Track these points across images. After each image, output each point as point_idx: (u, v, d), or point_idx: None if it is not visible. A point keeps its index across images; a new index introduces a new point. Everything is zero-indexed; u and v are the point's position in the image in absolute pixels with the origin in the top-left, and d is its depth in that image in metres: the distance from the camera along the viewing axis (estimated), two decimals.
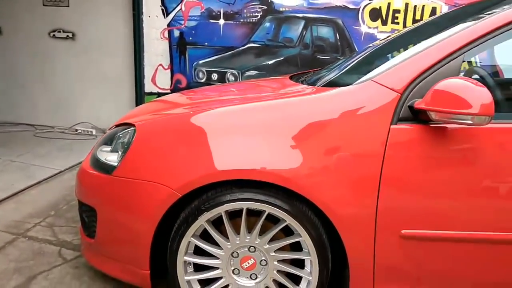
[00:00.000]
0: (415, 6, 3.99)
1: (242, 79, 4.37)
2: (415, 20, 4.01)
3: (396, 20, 4.05)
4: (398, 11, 4.04)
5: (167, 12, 4.42)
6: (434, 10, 3.97)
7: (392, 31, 3.96)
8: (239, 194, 1.49)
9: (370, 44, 2.43)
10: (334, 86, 1.61)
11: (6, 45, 4.72)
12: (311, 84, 1.86)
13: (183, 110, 1.84)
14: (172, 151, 1.56)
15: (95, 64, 4.63)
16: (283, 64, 4.28)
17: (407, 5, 4.00)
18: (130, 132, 1.69)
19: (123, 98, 4.62)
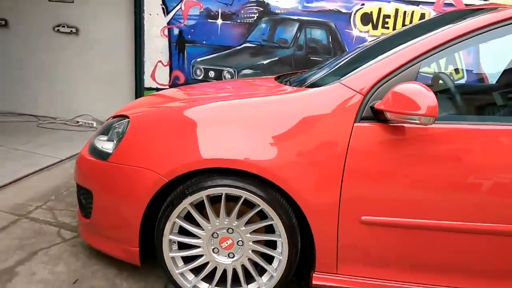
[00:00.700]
0: (405, 12, 4.16)
1: (238, 77, 4.56)
2: (404, 25, 4.19)
3: (386, 25, 4.23)
4: (388, 16, 4.22)
5: (167, 10, 4.60)
6: (423, 16, 4.15)
7: (382, 35, 4.14)
8: (219, 181, 1.68)
9: (352, 49, 2.61)
10: (312, 87, 1.79)
11: (12, 38, 4.90)
12: (294, 85, 2.05)
13: (176, 104, 2.02)
14: (161, 141, 1.75)
15: (97, 59, 4.81)
16: (277, 64, 4.46)
17: (397, 10, 4.18)
18: (124, 123, 1.88)
19: (123, 92, 4.81)
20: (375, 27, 4.26)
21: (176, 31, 4.63)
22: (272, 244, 1.79)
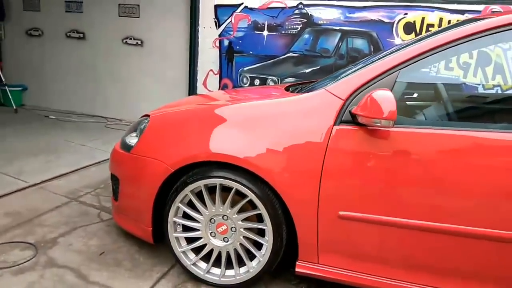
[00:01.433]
0: (449, 21, 4.11)
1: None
2: None
3: None
4: (432, 25, 4.19)
5: (219, 23, 4.98)
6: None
7: None
8: (215, 173, 1.93)
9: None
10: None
11: (88, 49, 5.63)
12: (296, 91, 2.24)
13: (195, 106, 2.32)
14: (170, 137, 2.05)
15: (157, 67, 5.35)
16: (319, 72, 4.62)
17: (441, 19, 4.14)
18: (145, 121, 2.22)
19: (178, 97, 5.23)
20: (418, 36, 4.24)
21: (226, 43, 4.99)
22: (264, 233, 1.99)
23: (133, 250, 2.34)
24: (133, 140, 2.26)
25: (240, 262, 2.03)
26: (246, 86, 4.95)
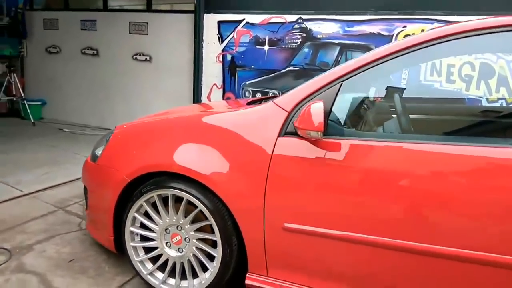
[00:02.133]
0: None
1: None
2: None
3: None
4: None
5: (222, 39, 5.08)
6: None
7: None
8: (167, 183, 1.97)
9: None
10: None
11: (101, 64, 5.88)
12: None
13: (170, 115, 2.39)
14: (128, 148, 2.12)
15: (164, 81, 5.50)
16: None
17: None
18: (111, 133, 2.29)
19: None
20: None
21: (229, 57, 5.08)
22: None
23: (101, 259, 2.40)
24: (100, 151, 2.33)
25: (195, 274, 2.04)
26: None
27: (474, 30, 1.62)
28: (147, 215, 2.08)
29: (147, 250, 2.14)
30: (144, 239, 2.13)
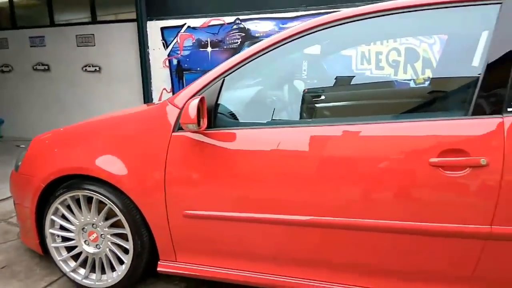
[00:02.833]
0: None
1: None
2: None
3: None
4: None
5: (166, 44, 5.22)
6: None
7: None
8: (77, 185, 2.10)
9: None
10: None
11: (53, 79, 5.95)
12: None
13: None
14: (43, 154, 2.24)
15: (115, 90, 5.61)
16: None
17: None
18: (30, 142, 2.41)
19: None
20: None
21: (175, 62, 5.22)
22: None
23: (33, 263, 2.51)
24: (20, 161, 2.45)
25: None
26: None
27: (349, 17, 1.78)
28: (65, 217, 2.21)
29: (70, 249, 2.26)
30: (65, 239, 2.25)
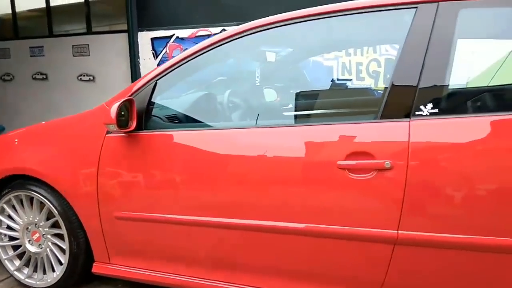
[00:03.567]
0: None
1: None
2: None
3: None
4: None
5: (156, 54, 5.33)
6: None
7: None
8: (20, 185, 2.15)
9: None
10: None
11: (50, 87, 6.14)
12: None
13: None
14: None
15: (109, 98, 5.71)
16: None
17: None
18: None
19: None
20: None
21: None
22: None
23: None
24: None
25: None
26: None
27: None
28: (11, 216, 2.26)
29: (16, 249, 2.31)
30: (12, 239, 2.30)
